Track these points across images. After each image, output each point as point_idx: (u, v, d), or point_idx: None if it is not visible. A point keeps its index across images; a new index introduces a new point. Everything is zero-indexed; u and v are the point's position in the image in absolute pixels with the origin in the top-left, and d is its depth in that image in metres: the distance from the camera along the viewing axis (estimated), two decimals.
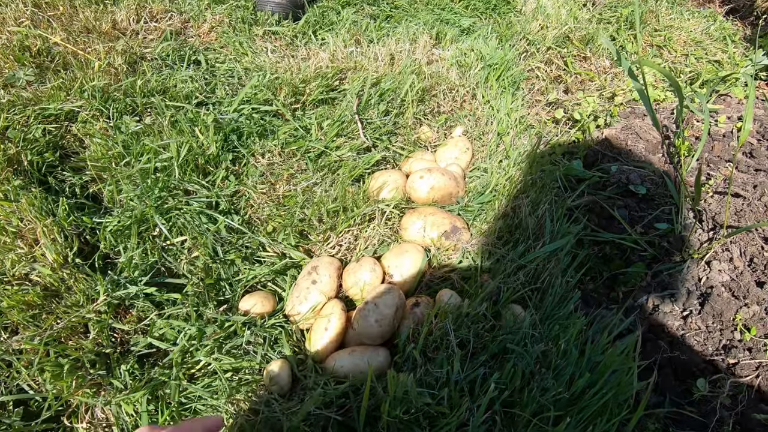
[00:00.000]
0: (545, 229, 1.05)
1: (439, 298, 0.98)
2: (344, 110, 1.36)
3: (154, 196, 1.10)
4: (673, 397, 0.89)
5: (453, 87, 1.48)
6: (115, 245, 1.05)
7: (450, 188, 1.13)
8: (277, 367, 0.90)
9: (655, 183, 1.25)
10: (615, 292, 1.15)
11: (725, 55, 1.97)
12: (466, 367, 0.82)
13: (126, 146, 1.21)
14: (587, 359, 0.80)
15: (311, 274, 0.99)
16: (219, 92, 1.46)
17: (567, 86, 1.86)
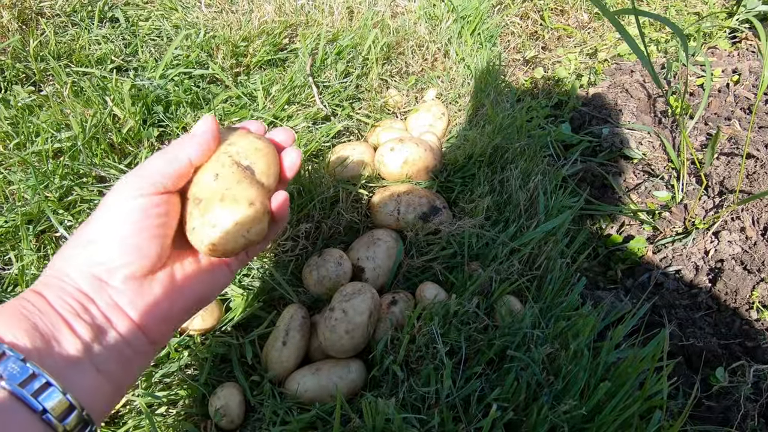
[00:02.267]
0: (539, 205, 0.90)
1: (421, 293, 0.81)
2: (296, 73, 1.14)
3: (55, 185, 0.86)
4: (687, 389, 0.78)
5: (422, 43, 1.28)
6: (4, 253, 0.81)
7: (426, 161, 0.96)
8: (224, 395, 0.72)
9: (651, 146, 1.12)
10: (612, 270, 1.02)
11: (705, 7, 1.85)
12: (459, 380, 0.67)
13: (15, 124, 0.95)
14: (602, 362, 0.66)
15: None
16: (142, 55, 1.20)
17: (544, 43, 1.69)
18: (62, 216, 0.85)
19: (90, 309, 0.40)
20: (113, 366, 0.40)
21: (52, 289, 0.39)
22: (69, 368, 0.37)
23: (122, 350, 0.41)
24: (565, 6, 1.78)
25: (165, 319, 0.44)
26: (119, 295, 0.41)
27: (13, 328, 0.35)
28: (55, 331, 0.37)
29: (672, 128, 1.15)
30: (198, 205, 0.45)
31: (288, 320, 0.78)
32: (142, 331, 0.42)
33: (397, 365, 0.70)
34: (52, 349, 0.36)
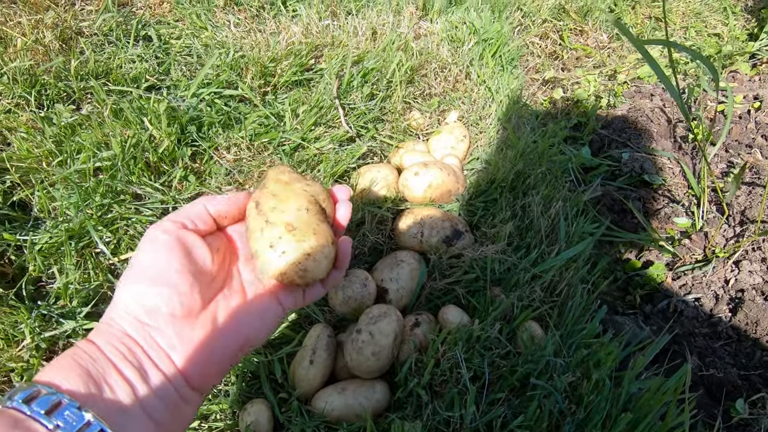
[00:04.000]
0: (560, 232, 0.92)
1: (443, 316, 0.84)
2: (322, 94, 1.18)
3: (95, 203, 0.90)
4: (708, 420, 0.79)
5: (445, 65, 1.31)
6: (47, 267, 0.86)
7: (449, 185, 0.98)
8: (255, 411, 0.74)
9: (671, 172, 1.13)
10: (631, 295, 1.03)
11: (725, 28, 1.86)
12: (483, 405, 0.69)
13: (58, 142, 0.99)
14: (624, 392, 0.68)
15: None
16: (174, 74, 1.24)
17: (563, 63, 1.71)
18: (101, 233, 0.89)
19: (135, 351, 0.41)
20: (161, 410, 0.40)
21: (102, 335, 0.41)
22: (120, 414, 0.38)
23: (168, 393, 0.41)
24: (585, 26, 1.80)
25: (207, 362, 0.44)
26: (160, 335, 0.42)
27: (68, 375, 0.37)
28: (106, 376, 0.38)
29: (692, 154, 1.16)
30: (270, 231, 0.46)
31: (315, 339, 0.80)
32: (182, 375, 0.42)
33: (422, 388, 0.72)
34: (103, 395, 0.37)
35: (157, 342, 0.42)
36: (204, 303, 0.45)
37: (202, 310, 0.45)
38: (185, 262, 0.44)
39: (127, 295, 0.42)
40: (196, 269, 0.44)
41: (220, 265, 0.48)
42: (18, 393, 0.35)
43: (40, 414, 0.34)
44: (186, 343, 0.43)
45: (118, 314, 0.42)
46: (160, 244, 0.43)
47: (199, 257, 0.45)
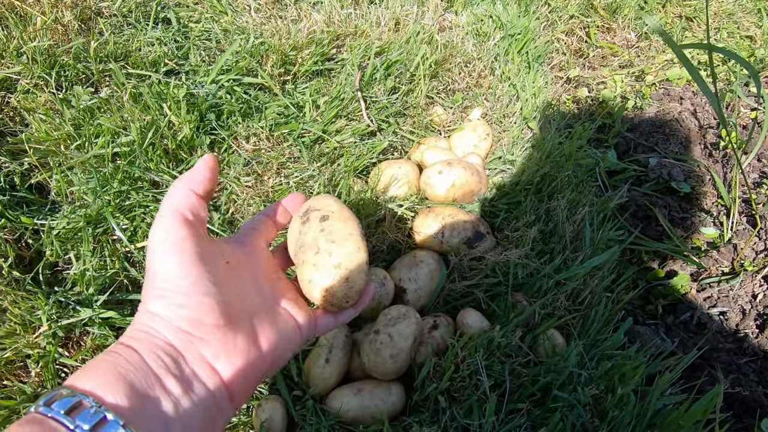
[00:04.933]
0: (585, 238, 0.89)
1: (463, 319, 0.82)
2: (344, 85, 1.15)
3: (113, 190, 0.89)
4: None
5: (469, 60, 1.28)
6: (64, 252, 0.85)
7: (473, 185, 0.96)
8: (269, 408, 0.74)
9: (700, 180, 1.10)
10: (652, 305, 1.01)
11: (759, 31, 1.79)
12: (502, 414, 0.68)
13: (77, 125, 0.98)
14: (649, 408, 0.66)
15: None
16: (193, 58, 1.22)
17: (589, 61, 1.67)
18: (119, 219, 0.88)
19: (180, 363, 0.40)
20: (199, 424, 0.39)
21: (144, 344, 0.39)
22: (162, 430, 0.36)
23: (209, 407, 0.40)
24: (613, 24, 1.75)
25: (246, 375, 0.43)
26: (206, 347, 0.41)
27: (112, 388, 0.35)
28: (149, 390, 0.37)
29: (723, 162, 1.13)
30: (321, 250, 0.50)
31: (332, 337, 0.79)
32: (226, 386, 0.42)
33: (440, 393, 0.71)
34: (146, 410, 0.36)
35: (202, 354, 0.41)
36: (242, 314, 0.44)
37: (240, 321, 0.44)
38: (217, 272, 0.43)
39: (164, 306, 0.40)
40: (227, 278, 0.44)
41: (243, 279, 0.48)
42: (57, 400, 0.33)
43: (84, 430, 0.32)
44: (230, 355, 0.42)
45: (160, 325, 0.40)
46: (185, 253, 0.41)
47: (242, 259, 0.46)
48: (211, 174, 0.45)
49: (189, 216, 0.43)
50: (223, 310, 0.42)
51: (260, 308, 0.48)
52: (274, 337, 0.47)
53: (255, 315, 0.46)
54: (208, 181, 0.45)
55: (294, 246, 0.53)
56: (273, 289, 0.51)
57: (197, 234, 0.43)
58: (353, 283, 0.50)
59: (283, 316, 0.49)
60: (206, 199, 0.46)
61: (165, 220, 0.42)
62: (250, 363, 0.43)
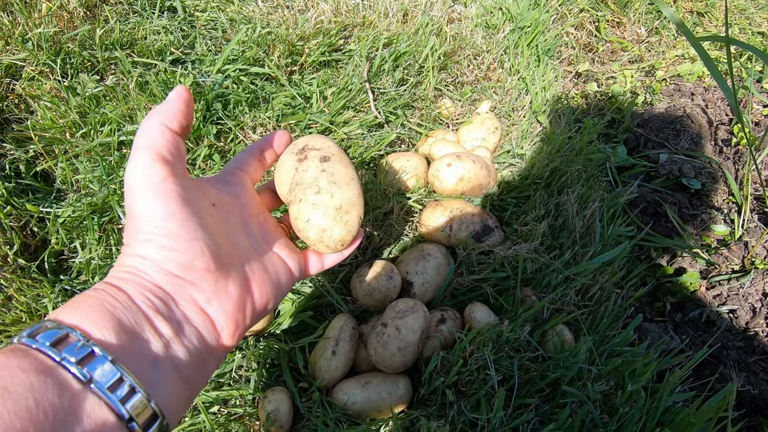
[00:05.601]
0: (595, 233, 0.88)
1: (470, 314, 0.81)
2: (351, 76, 1.13)
3: (119, 178, 0.88)
4: None
5: (478, 52, 1.26)
6: (70, 240, 0.84)
7: (481, 179, 0.95)
8: (275, 400, 0.73)
9: (712, 177, 1.08)
10: (660, 302, 1.00)
11: None
12: (511, 409, 0.67)
13: (83, 113, 0.97)
14: (660, 405, 0.65)
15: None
16: (199, 48, 1.21)
17: (598, 56, 1.65)
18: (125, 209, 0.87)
19: (170, 305, 0.38)
20: (190, 367, 0.38)
21: (131, 284, 0.37)
22: (151, 369, 0.35)
23: (200, 350, 0.39)
24: (623, 18, 1.73)
25: (238, 320, 0.42)
26: (198, 292, 0.40)
27: (99, 323, 0.33)
28: (137, 329, 0.35)
29: (735, 159, 1.11)
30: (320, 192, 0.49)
31: (338, 330, 0.79)
32: (217, 331, 0.41)
33: (447, 387, 0.70)
34: (135, 348, 0.35)
35: (194, 297, 0.40)
36: (233, 258, 0.43)
37: (232, 266, 0.43)
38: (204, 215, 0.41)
39: (153, 249, 0.38)
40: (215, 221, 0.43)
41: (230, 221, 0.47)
42: (42, 332, 0.32)
43: (71, 363, 0.31)
44: (222, 300, 0.41)
45: (149, 267, 0.38)
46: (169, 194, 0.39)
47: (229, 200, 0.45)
48: (186, 107, 0.42)
49: (167, 155, 0.40)
50: (214, 254, 0.40)
51: (251, 252, 0.46)
52: (265, 282, 0.46)
53: (246, 260, 0.45)
54: (183, 114, 0.42)
55: (288, 183, 0.51)
56: (262, 230, 0.49)
57: (177, 174, 0.40)
58: (351, 227, 0.49)
59: (273, 260, 0.48)
60: (183, 135, 0.43)
61: (141, 159, 0.39)
62: (242, 308, 0.42)
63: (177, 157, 0.41)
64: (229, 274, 0.42)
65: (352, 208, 0.49)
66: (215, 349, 0.41)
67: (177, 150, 0.41)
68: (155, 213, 0.38)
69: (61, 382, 0.30)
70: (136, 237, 0.39)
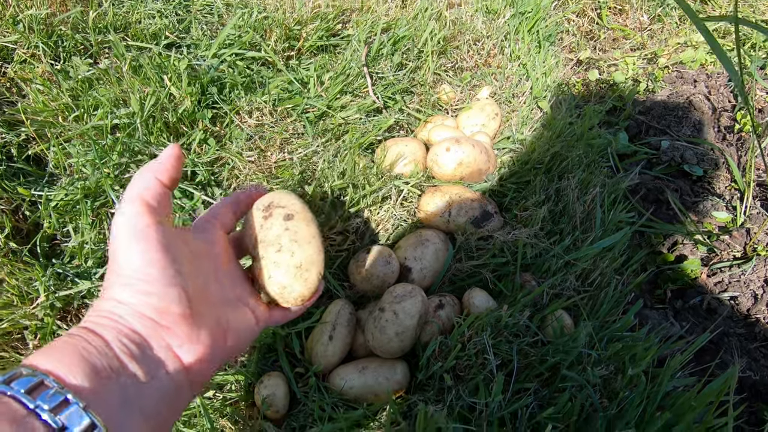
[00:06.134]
0: (595, 219, 0.87)
1: (469, 299, 0.80)
2: (349, 61, 1.12)
3: (112, 162, 0.87)
4: (741, 425, 0.76)
5: (478, 38, 1.24)
6: (62, 225, 0.83)
7: (481, 164, 0.93)
8: (271, 384, 0.72)
9: (714, 163, 1.07)
10: (661, 289, 0.99)
11: None
12: (509, 394, 0.66)
13: (75, 96, 0.95)
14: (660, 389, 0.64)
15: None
16: (194, 32, 1.19)
17: (600, 43, 1.62)
18: (118, 192, 0.86)
19: (144, 350, 0.40)
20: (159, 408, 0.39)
21: (108, 329, 0.39)
22: (120, 412, 0.36)
23: (170, 393, 0.41)
24: (625, 5, 1.70)
25: (208, 364, 0.44)
26: (171, 336, 0.41)
27: (74, 369, 0.35)
28: (111, 374, 0.37)
29: (737, 146, 1.10)
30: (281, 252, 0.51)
31: (335, 315, 0.78)
32: (188, 374, 0.42)
33: (446, 373, 0.69)
34: (107, 393, 0.36)
35: (167, 341, 0.41)
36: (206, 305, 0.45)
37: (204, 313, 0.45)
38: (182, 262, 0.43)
39: (130, 294, 0.40)
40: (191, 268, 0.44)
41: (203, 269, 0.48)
42: (17, 379, 0.33)
43: (44, 410, 0.32)
44: (194, 343, 0.43)
45: (126, 312, 0.40)
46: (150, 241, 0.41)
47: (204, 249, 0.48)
48: (176, 162, 0.46)
49: (153, 203, 0.42)
50: (189, 301, 0.42)
51: (222, 301, 0.49)
52: (234, 329, 0.48)
53: (217, 307, 0.47)
54: (173, 168, 0.45)
55: (253, 239, 0.53)
56: (232, 279, 0.52)
57: (161, 222, 0.42)
58: (311, 284, 0.52)
59: (242, 310, 0.50)
60: (171, 187, 0.45)
61: (128, 206, 0.41)
62: (212, 353, 0.44)
63: (162, 207, 0.44)
64: (201, 320, 0.44)
65: (312, 266, 0.52)
66: (185, 390, 0.43)
67: (163, 200, 0.44)
68: (134, 259, 0.40)
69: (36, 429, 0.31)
70: (116, 281, 0.40)
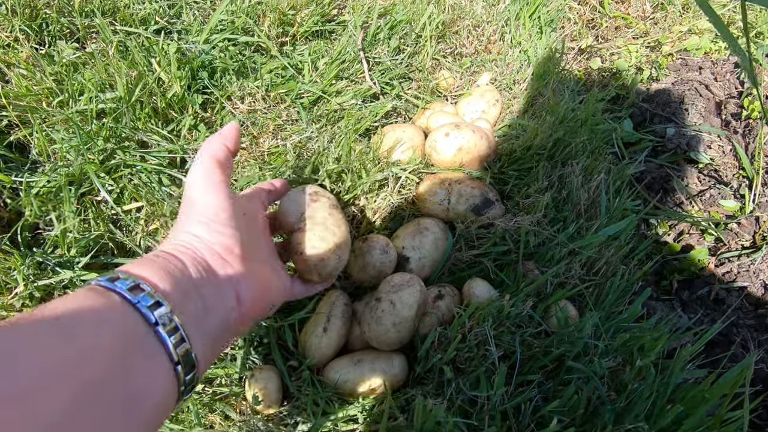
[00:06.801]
0: (600, 206, 0.84)
1: (469, 289, 0.77)
2: (345, 46, 1.08)
3: (98, 148, 0.83)
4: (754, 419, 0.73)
5: (478, 23, 1.21)
6: (45, 213, 0.79)
7: (481, 150, 0.90)
8: (263, 378, 0.69)
9: (721, 151, 1.04)
10: (667, 280, 0.96)
11: None
12: (512, 387, 0.63)
13: (59, 80, 0.92)
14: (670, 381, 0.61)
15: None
16: (186, 17, 1.15)
17: (602, 32, 1.59)
18: (103, 180, 0.83)
19: (212, 280, 0.46)
20: (215, 335, 0.44)
21: (187, 256, 0.45)
22: (194, 327, 0.41)
23: (226, 320, 0.46)
24: None
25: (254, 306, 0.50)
26: (233, 272, 0.48)
27: (163, 279, 0.40)
28: (188, 292, 0.42)
29: (744, 133, 1.07)
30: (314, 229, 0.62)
31: (330, 306, 0.74)
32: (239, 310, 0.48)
33: (447, 365, 0.66)
34: (185, 306, 0.41)
35: (230, 275, 0.48)
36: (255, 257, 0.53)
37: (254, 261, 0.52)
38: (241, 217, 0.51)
39: (205, 230, 0.47)
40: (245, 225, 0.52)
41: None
42: (120, 279, 0.38)
43: (146, 308, 0.37)
44: (249, 283, 0.49)
45: (200, 245, 0.47)
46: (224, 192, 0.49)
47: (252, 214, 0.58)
48: (238, 134, 0.54)
49: (224, 162, 0.51)
50: (246, 246, 0.50)
51: (263, 260, 0.56)
52: (273, 284, 0.55)
53: (261, 264, 0.55)
54: (235, 140, 0.54)
55: (297, 214, 0.63)
56: (270, 247, 0.60)
57: (228, 181, 0.51)
58: (341, 262, 0.64)
59: (278, 271, 0.58)
60: (233, 154, 0.54)
61: (206, 162, 0.50)
62: (258, 297, 0.50)
63: (229, 169, 0.53)
64: (252, 265, 0.51)
65: (345, 249, 0.64)
66: (235, 324, 0.48)
67: (229, 163, 0.53)
68: (211, 204, 0.48)
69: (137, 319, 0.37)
70: (192, 219, 0.48)
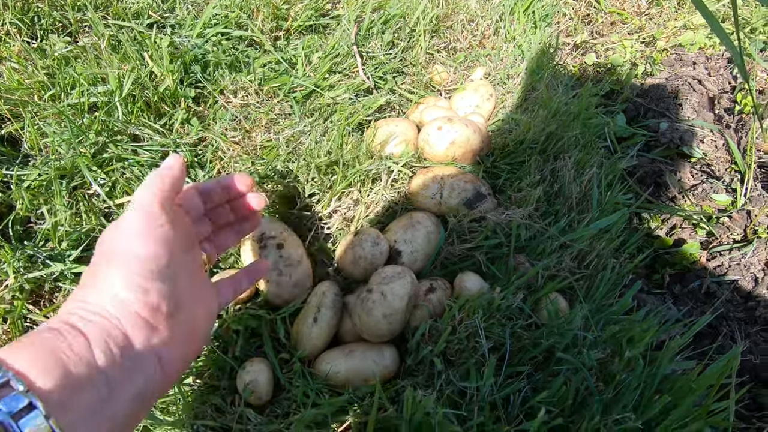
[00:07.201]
0: (592, 200, 0.84)
1: (461, 283, 0.77)
2: (339, 40, 1.08)
3: (89, 141, 0.83)
4: (740, 409, 0.73)
5: (473, 17, 1.21)
6: (36, 206, 0.79)
7: (474, 144, 0.90)
8: (254, 370, 0.69)
9: (713, 145, 1.04)
10: (658, 274, 0.97)
11: None
12: (501, 378, 0.64)
13: (51, 74, 0.91)
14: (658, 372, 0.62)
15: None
16: (179, 12, 1.15)
17: (597, 27, 1.59)
18: (95, 173, 0.82)
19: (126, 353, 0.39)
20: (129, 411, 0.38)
21: (96, 332, 0.37)
22: (86, 422, 0.35)
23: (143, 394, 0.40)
24: None
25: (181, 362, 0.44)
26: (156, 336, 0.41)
27: (45, 371, 0.33)
28: (87, 378, 0.35)
29: (737, 128, 1.07)
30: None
31: (320, 297, 0.75)
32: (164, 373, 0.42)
33: (437, 356, 0.66)
34: (77, 400, 0.34)
35: (152, 343, 0.41)
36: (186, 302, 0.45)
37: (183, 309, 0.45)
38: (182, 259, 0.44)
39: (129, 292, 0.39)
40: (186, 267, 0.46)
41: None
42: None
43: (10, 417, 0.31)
44: (174, 344, 0.43)
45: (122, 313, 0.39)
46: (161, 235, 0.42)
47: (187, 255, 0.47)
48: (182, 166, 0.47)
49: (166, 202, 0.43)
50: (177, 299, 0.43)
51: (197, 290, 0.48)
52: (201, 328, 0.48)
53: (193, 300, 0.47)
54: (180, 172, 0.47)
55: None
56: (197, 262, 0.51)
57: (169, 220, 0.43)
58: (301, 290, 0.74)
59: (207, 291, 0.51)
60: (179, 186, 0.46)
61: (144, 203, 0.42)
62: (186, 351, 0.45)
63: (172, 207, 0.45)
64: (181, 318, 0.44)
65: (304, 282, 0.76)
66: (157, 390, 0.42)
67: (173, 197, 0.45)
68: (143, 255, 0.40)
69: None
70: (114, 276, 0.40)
